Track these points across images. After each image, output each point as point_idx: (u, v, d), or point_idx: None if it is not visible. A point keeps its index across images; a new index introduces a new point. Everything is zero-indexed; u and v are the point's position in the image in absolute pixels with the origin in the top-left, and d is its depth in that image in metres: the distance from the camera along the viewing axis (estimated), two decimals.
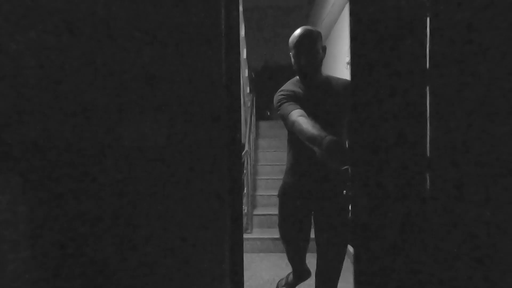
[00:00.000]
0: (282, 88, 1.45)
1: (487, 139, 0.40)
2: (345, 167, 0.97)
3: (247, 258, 2.67)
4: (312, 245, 2.86)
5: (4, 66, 0.63)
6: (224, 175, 1.06)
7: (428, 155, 0.50)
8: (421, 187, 0.51)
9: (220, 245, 1.04)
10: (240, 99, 1.16)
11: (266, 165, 4.10)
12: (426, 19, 0.50)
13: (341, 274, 2.39)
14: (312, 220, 1.34)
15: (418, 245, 0.52)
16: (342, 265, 1.32)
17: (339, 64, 2.96)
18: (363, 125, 0.79)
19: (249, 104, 4.28)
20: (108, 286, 0.76)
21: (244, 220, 2.93)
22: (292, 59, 1.27)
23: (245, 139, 3.58)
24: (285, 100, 1.32)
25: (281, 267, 2.52)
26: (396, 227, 0.62)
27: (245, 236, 2.78)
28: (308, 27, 1.23)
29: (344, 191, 1.03)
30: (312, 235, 1.43)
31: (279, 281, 1.59)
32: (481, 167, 0.41)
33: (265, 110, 5.77)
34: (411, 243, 0.56)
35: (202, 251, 1.05)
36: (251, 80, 4.55)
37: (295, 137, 1.21)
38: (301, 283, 1.62)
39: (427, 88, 0.50)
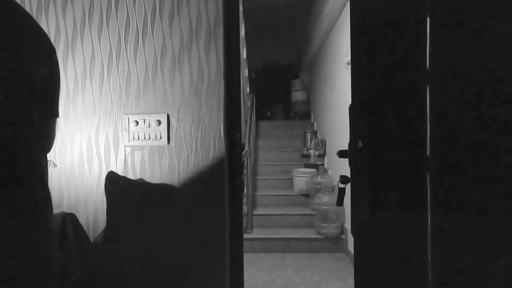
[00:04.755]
0: None
1: (488, 139, 0.40)
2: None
3: (247, 258, 2.67)
4: (314, 244, 2.85)
5: None
6: (224, 175, 1.06)
7: (428, 155, 0.49)
8: (421, 187, 0.51)
9: (220, 245, 1.04)
10: (240, 99, 1.16)
11: (266, 165, 4.10)
12: (426, 19, 0.50)
13: (341, 274, 2.39)
14: None
15: (419, 246, 0.52)
16: None
17: (339, 64, 2.96)
18: (362, 125, 0.79)
19: (249, 104, 4.28)
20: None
21: (244, 220, 2.92)
22: None
23: (245, 139, 3.58)
24: None
25: (281, 267, 2.52)
26: (396, 229, 0.61)
27: (245, 236, 2.78)
28: None
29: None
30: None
31: None
32: (482, 168, 0.41)
33: (265, 110, 5.77)
34: (412, 244, 0.56)
35: (202, 251, 1.05)
36: (251, 80, 4.55)
37: None
38: (302, 284, 1.61)
39: (427, 88, 0.50)
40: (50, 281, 0.61)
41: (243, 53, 3.60)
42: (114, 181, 1.10)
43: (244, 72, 3.85)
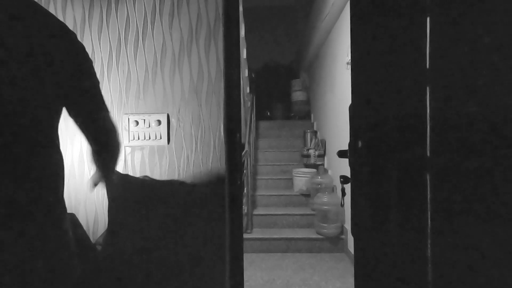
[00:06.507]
0: None
1: (489, 139, 0.40)
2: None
3: (247, 258, 2.67)
4: (314, 244, 2.85)
5: None
6: (224, 175, 1.06)
7: (428, 155, 0.49)
8: (421, 187, 0.51)
9: (220, 245, 1.04)
10: (240, 99, 1.15)
11: (266, 165, 4.10)
12: (426, 19, 0.50)
13: (341, 274, 2.38)
14: None
15: (419, 246, 0.52)
16: None
17: (339, 64, 2.95)
18: (362, 125, 0.79)
19: (249, 104, 4.28)
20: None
21: (244, 220, 2.92)
22: None
23: (245, 139, 3.58)
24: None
25: (281, 267, 2.52)
26: (396, 229, 0.61)
27: (245, 236, 2.78)
28: None
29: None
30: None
31: None
32: (483, 168, 0.41)
33: (265, 110, 5.77)
34: (411, 243, 0.56)
35: (203, 251, 1.05)
36: (251, 80, 4.55)
37: None
38: (302, 284, 1.61)
39: (427, 88, 0.50)
40: (50, 281, 0.61)
41: (243, 53, 3.60)
42: (115, 180, 1.10)
43: (244, 72, 3.85)
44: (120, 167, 1.12)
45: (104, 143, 0.82)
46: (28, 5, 0.60)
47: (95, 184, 0.86)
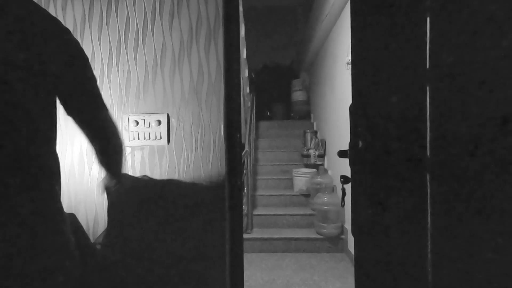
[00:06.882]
0: None
1: (488, 139, 0.40)
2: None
3: (247, 258, 2.67)
4: (314, 244, 2.85)
5: None
6: (224, 175, 1.06)
7: (428, 155, 0.49)
8: (421, 187, 0.51)
9: (220, 245, 1.04)
10: (240, 99, 1.15)
11: (266, 165, 4.10)
12: (426, 19, 0.50)
13: (341, 274, 2.38)
14: None
15: (419, 246, 0.52)
16: None
17: (339, 64, 2.95)
18: (363, 125, 0.79)
19: (249, 104, 4.28)
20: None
21: (244, 220, 2.92)
22: None
23: (245, 139, 3.57)
24: None
25: (281, 267, 2.52)
26: (397, 229, 0.61)
27: (245, 236, 2.78)
28: None
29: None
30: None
31: None
32: (483, 168, 0.41)
33: (265, 110, 5.77)
34: (411, 244, 0.56)
35: (203, 251, 1.05)
36: (251, 80, 4.54)
37: None
38: (302, 284, 1.61)
39: (427, 88, 0.50)
40: (50, 282, 0.61)
41: (243, 53, 3.60)
42: (115, 180, 1.09)
43: (244, 72, 3.85)
44: None
45: (108, 143, 0.80)
46: (20, 1, 0.59)
47: (108, 188, 0.84)
